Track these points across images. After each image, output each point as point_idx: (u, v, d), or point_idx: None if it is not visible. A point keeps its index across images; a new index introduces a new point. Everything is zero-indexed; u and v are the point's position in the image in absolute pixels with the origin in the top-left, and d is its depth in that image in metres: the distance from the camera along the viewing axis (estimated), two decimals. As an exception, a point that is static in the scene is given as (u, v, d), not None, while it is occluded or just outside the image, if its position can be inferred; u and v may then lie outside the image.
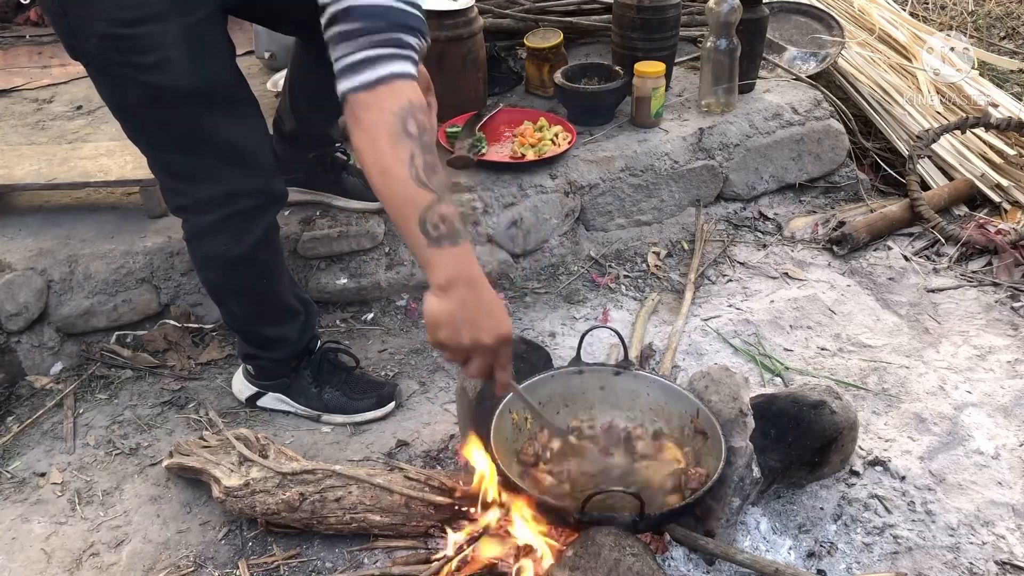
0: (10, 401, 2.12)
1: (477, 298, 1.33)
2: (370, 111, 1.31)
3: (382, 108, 1.30)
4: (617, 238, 2.65)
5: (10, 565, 1.72)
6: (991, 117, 2.86)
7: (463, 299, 1.32)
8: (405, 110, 1.30)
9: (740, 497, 1.61)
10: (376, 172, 1.32)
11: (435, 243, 1.30)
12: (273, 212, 1.83)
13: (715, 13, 2.56)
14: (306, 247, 2.30)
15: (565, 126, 2.60)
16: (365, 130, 1.32)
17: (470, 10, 2.55)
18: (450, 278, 1.31)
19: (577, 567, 1.38)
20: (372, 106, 1.31)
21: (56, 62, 3.25)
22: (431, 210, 1.30)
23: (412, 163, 1.30)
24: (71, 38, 1.55)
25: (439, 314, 1.32)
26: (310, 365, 2.03)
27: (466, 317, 1.32)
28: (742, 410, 1.60)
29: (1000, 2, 4.24)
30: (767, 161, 2.81)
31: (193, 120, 1.61)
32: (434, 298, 1.33)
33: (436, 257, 1.31)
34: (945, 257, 2.64)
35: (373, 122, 1.30)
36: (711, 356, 2.23)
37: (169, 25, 1.51)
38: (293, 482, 1.70)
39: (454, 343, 1.34)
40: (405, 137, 1.30)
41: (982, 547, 1.71)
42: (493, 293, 1.36)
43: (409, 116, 1.30)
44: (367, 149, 1.32)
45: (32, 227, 2.30)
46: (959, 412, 2.04)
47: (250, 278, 1.85)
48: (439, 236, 1.30)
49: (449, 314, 1.32)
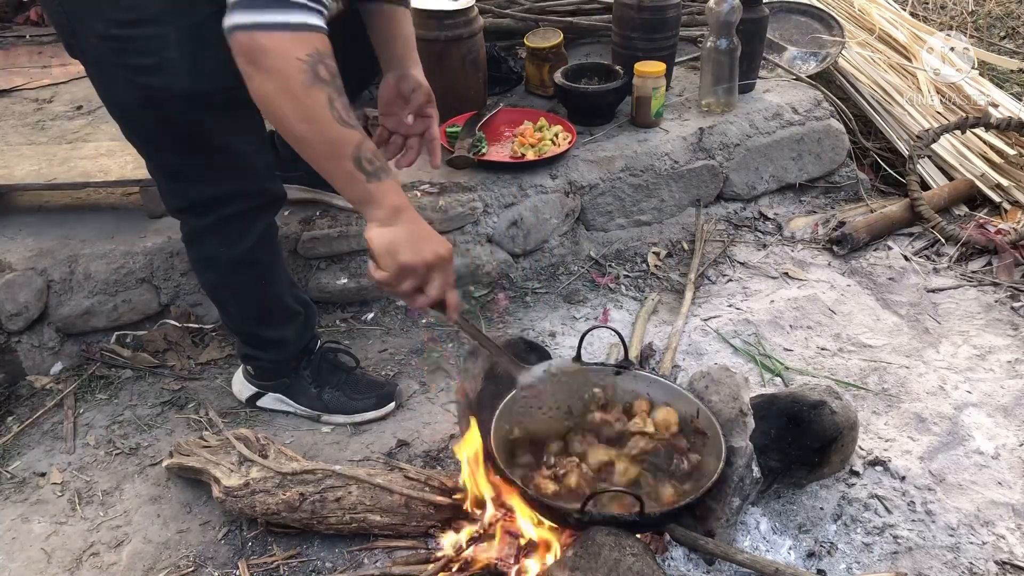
0: (10, 401, 2.12)
1: (419, 221, 1.42)
2: (272, 56, 1.28)
3: (287, 54, 1.28)
4: (617, 238, 2.65)
5: (10, 565, 1.72)
6: (991, 117, 2.86)
7: (411, 219, 1.40)
8: (314, 56, 1.29)
9: (740, 497, 1.61)
10: (297, 120, 1.32)
11: (374, 177, 1.35)
12: (271, 214, 1.83)
13: (715, 13, 2.56)
14: (306, 247, 2.30)
15: (565, 126, 2.60)
16: (271, 77, 1.29)
17: (470, 10, 2.55)
18: (395, 205, 1.38)
19: (577, 567, 1.38)
20: (274, 51, 1.28)
21: (56, 62, 3.25)
22: (362, 147, 1.34)
23: (333, 106, 1.31)
24: (70, 38, 1.56)
25: (396, 239, 1.38)
26: (310, 365, 2.03)
27: (420, 235, 1.40)
28: (742, 410, 1.60)
29: (1000, 2, 4.24)
30: (767, 161, 2.81)
31: (191, 122, 1.61)
32: (383, 228, 1.38)
33: (378, 190, 1.37)
34: (945, 257, 2.64)
35: (279, 68, 1.28)
36: (711, 356, 2.23)
37: (167, 27, 1.51)
38: (293, 482, 1.70)
39: (418, 259, 1.39)
40: (319, 82, 1.29)
41: (982, 547, 1.71)
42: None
43: (319, 62, 1.29)
44: (278, 98, 1.31)
45: (32, 227, 2.30)
46: (959, 412, 2.04)
47: (249, 279, 1.85)
48: (375, 170, 1.35)
49: (405, 235, 1.39)
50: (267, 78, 1.30)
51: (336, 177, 1.37)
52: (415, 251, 1.39)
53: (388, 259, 1.39)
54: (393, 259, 1.39)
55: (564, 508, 1.49)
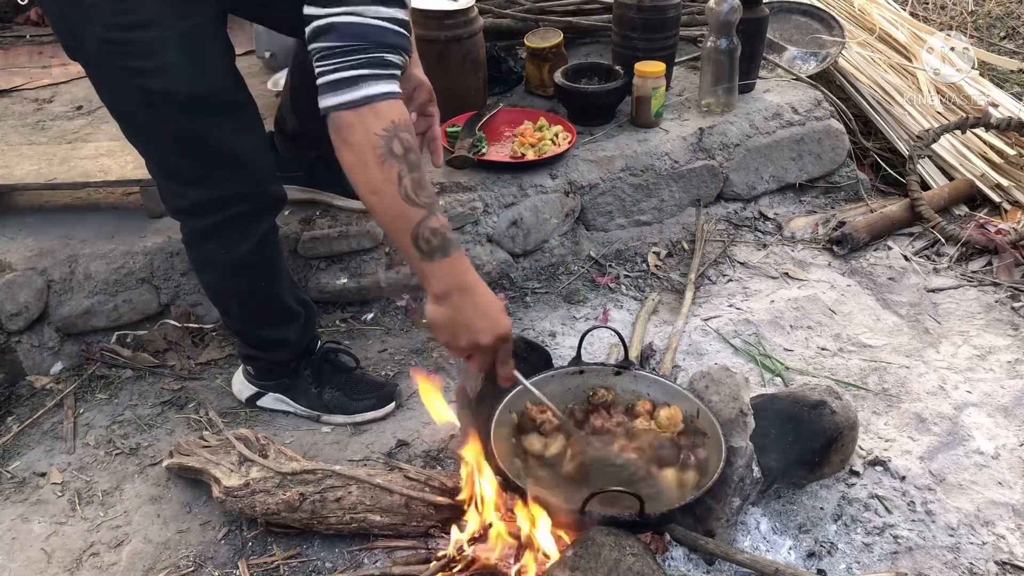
0: (10, 401, 2.12)
1: (472, 303, 1.43)
2: (355, 132, 1.35)
3: (368, 129, 1.35)
4: (617, 238, 2.65)
5: (10, 565, 1.72)
6: (991, 117, 2.86)
7: (458, 306, 1.42)
8: (391, 131, 1.35)
9: (740, 497, 1.61)
10: (367, 192, 1.39)
11: (428, 257, 1.39)
12: (271, 215, 1.83)
13: (715, 13, 2.56)
14: (306, 247, 2.30)
15: (565, 126, 2.60)
16: (352, 151, 1.37)
17: (470, 10, 2.55)
18: (445, 288, 1.42)
19: (577, 567, 1.38)
20: (357, 127, 1.35)
21: (56, 62, 3.25)
22: (422, 226, 1.38)
23: (400, 183, 1.36)
24: (70, 40, 1.55)
25: (437, 320, 1.44)
26: (310, 365, 2.03)
27: (462, 321, 1.43)
28: (742, 410, 1.60)
29: (1000, 2, 4.24)
30: (767, 161, 2.81)
31: (191, 124, 1.60)
32: (433, 306, 1.44)
33: (430, 269, 1.41)
34: (945, 257, 2.64)
35: (359, 143, 1.35)
36: (711, 356, 2.23)
37: (167, 30, 1.51)
38: (293, 482, 1.70)
39: (453, 346, 1.46)
40: (392, 158, 1.35)
41: (982, 547, 1.71)
42: (489, 296, 1.46)
43: (394, 137, 1.36)
44: (356, 169, 1.38)
45: (32, 227, 2.30)
46: (959, 412, 2.04)
47: (249, 280, 1.85)
48: (431, 250, 1.39)
49: (446, 320, 1.43)
50: (349, 151, 1.37)
51: (399, 249, 1.44)
52: (452, 336, 1.45)
53: (436, 334, 1.47)
54: (439, 336, 1.47)
55: (564, 508, 1.49)
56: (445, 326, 1.44)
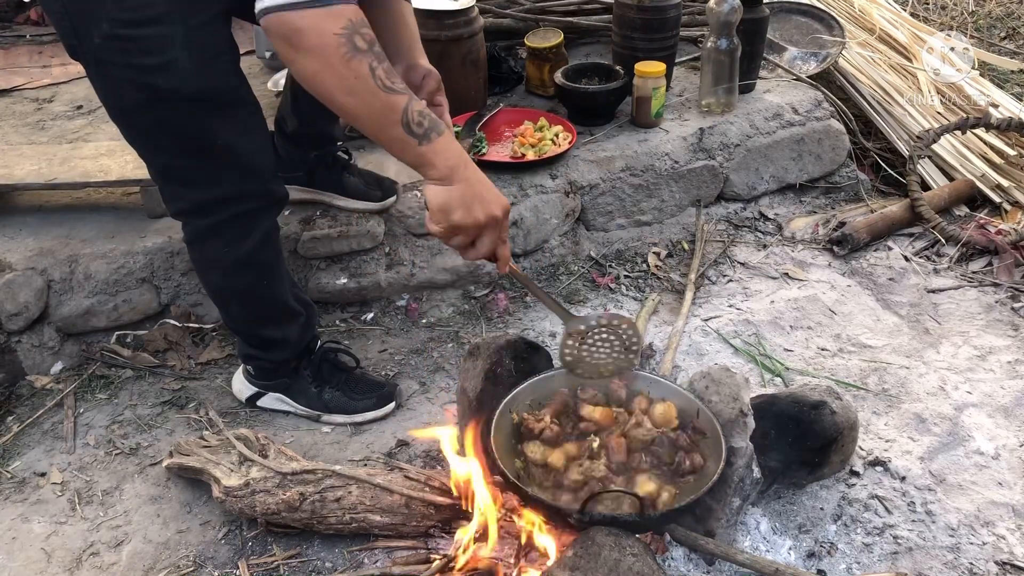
0: (10, 401, 2.12)
1: (476, 176, 1.41)
2: (308, 35, 1.28)
3: (323, 31, 1.28)
4: (617, 238, 2.65)
5: (10, 564, 1.72)
6: (991, 117, 2.86)
7: (466, 179, 1.39)
8: (349, 27, 1.29)
9: (740, 497, 1.61)
10: (341, 95, 1.33)
11: (424, 139, 1.36)
12: (273, 214, 1.83)
13: (715, 13, 2.56)
14: (306, 247, 2.30)
15: (565, 126, 2.60)
16: (310, 56, 1.30)
17: (470, 10, 2.55)
18: (449, 165, 1.38)
19: (577, 567, 1.38)
20: (309, 30, 1.28)
21: (56, 62, 3.25)
22: (409, 111, 1.34)
23: (375, 74, 1.31)
24: (72, 39, 1.55)
25: (449, 199, 1.39)
26: (310, 365, 2.03)
27: (474, 194, 1.40)
28: (742, 410, 1.60)
29: (1000, 2, 4.24)
30: (767, 161, 2.81)
31: (195, 122, 1.60)
32: (437, 187, 1.39)
33: (431, 151, 1.37)
34: (945, 257, 2.64)
35: (316, 47, 1.28)
36: (711, 356, 2.23)
37: (173, 26, 1.50)
38: (293, 482, 1.70)
39: (469, 220, 1.40)
40: (358, 53, 1.29)
41: (982, 547, 1.71)
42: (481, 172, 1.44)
43: (355, 32, 1.30)
44: (321, 76, 1.31)
45: (32, 227, 2.30)
46: (959, 412, 2.04)
47: (251, 280, 1.85)
48: (425, 131, 1.36)
49: (459, 196, 1.39)
50: (307, 57, 1.30)
51: (389, 145, 1.39)
52: (467, 211, 1.40)
53: (441, 216, 1.42)
54: (446, 217, 1.41)
55: (564, 508, 1.49)
56: (459, 202, 1.39)
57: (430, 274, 2.40)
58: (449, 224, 1.42)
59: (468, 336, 2.32)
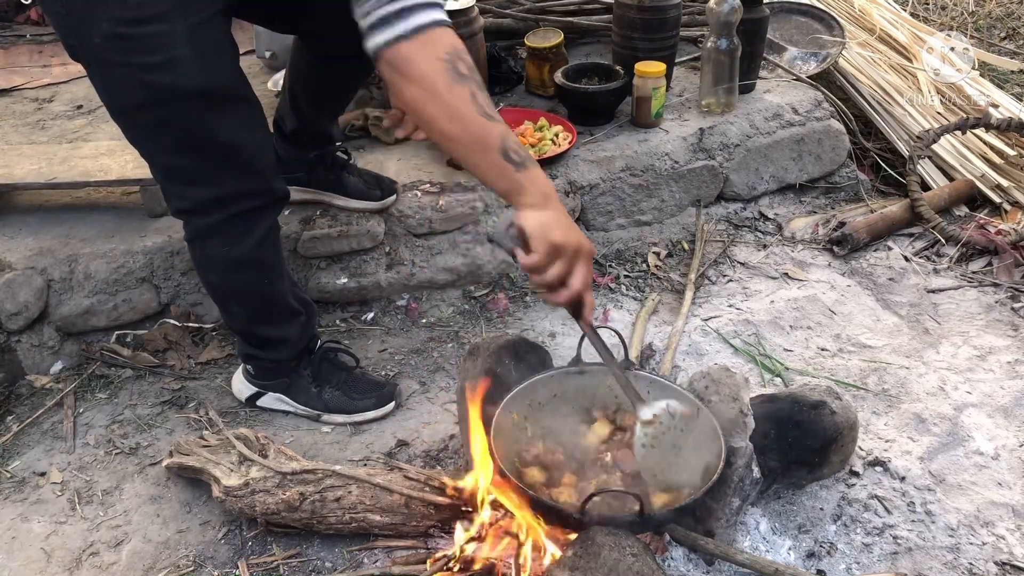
0: (10, 400, 2.12)
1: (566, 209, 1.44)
2: (416, 64, 1.31)
3: (428, 57, 1.31)
4: (617, 238, 2.65)
5: (10, 564, 1.72)
6: (991, 118, 2.86)
7: (560, 208, 1.43)
8: (452, 54, 1.32)
9: (740, 497, 1.61)
10: (445, 121, 1.35)
11: (522, 167, 1.39)
12: (275, 213, 1.83)
13: (715, 13, 2.56)
14: (306, 246, 2.30)
15: (565, 126, 2.60)
16: (417, 83, 1.32)
17: (470, 10, 2.55)
18: (545, 192, 1.42)
19: (577, 567, 1.38)
20: (416, 57, 1.31)
21: (56, 61, 3.25)
22: (507, 138, 1.37)
23: (475, 101, 1.34)
24: (73, 39, 1.55)
25: (550, 219, 1.41)
26: (310, 365, 2.03)
27: (569, 220, 1.43)
28: (742, 410, 1.60)
29: (1000, 2, 4.24)
30: (767, 161, 2.81)
31: (196, 121, 1.60)
32: (535, 212, 1.41)
33: (529, 177, 1.40)
34: (945, 258, 2.64)
35: (424, 73, 1.31)
36: (711, 356, 2.23)
37: (175, 24, 1.50)
38: (293, 482, 1.70)
39: (570, 240, 1.41)
40: (461, 79, 1.32)
41: (982, 547, 1.71)
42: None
43: (457, 59, 1.32)
44: (426, 104, 1.34)
45: (32, 226, 2.30)
46: (959, 412, 2.04)
47: (251, 279, 1.85)
48: (523, 159, 1.39)
49: (557, 218, 1.41)
50: (412, 86, 1.33)
51: (486, 170, 1.40)
52: (566, 232, 1.41)
53: (541, 238, 1.41)
54: (546, 238, 1.40)
55: (564, 508, 1.49)
56: (558, 224, 1.40)
57: (430, 274, 2.40)
58: (550, 244, 1.40)
59: (468, 336, 2.32)
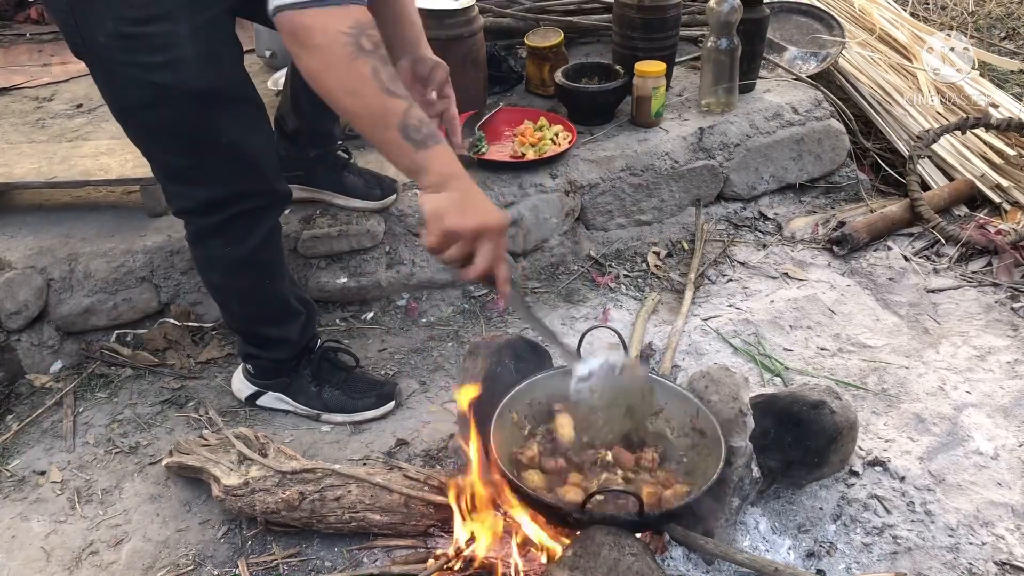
0: (10, 399, 2.12)
1: (472, 188, 1.40)
2: (315, 33, 1.30)
3: (329, 28, 1.29)
4: (617, 238, 2.65)
5: (10, 563, 1.72)
6: (991, 118, 2.86)
7: (461, 188, 1.38)
8: (356, 28, 1.30)
9: (740, 497, 1.61)
10: (342, 94, 1.33)
11: (421, 146, 1.35)
12: (277, 213, 1.83)
13: (716, 13, 2.56)
14: (306, 246, 2.30)
15: (565, 125, 2.60)
16: (315, 54, 1.31)
17: (470, 9, 2.55)
18: (443, 173, 1.37)
19: (577, 567, 1.38)
20: (317, 28, 1.30)
21: (56, 60, 3.25)
22: (408, 116, 1.33)
23: (377, 76, 1.31)
24: (76, 37, 1.55)
25: (443, 203, 1.36)
26: (310, 364, 2.03)
27: (469, 202, 1.38)
28: (742, 410, 1.60)
29: (1000, 2, 4.24)
30: (767, 161, 2.81)
31: (200, 120, 1.60)
32: (432, 194, 1.37)
33: (427, 158, 1.36)
34: (945, 257, 2.64)
35: (322, 43, 1.30)
36: (711, 356, 2.23)
37: (180, 24, 1.50)
38: (293, 481, 1.70)
39: (464, 226, 1.36)
40: (363, 53, 1.30)
41: (981, 547, 1.71)
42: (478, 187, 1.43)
43: (362, 34, 1.30)
44: (324, 74, 1.32)
45: (32, 225, 2.30)
46: (959, 412, 2.04)
47: (252, 279, 1.85)
48: (423, 138, 1.35)
49: (453, 202, 1.36)
50: (312, 55, 1.31)
51: (386, 148, 1.38)
52: (461, 216, 1.36)
53: (435, 223, 1.38)
54: (439, 223, 1.37)
55: (564, 508, 1.49)
56: (454, 207, 1.36)
57: (430, 273, 2.40)
58: (442, 230, 1.37)
59: (468, 335, 2.32)
